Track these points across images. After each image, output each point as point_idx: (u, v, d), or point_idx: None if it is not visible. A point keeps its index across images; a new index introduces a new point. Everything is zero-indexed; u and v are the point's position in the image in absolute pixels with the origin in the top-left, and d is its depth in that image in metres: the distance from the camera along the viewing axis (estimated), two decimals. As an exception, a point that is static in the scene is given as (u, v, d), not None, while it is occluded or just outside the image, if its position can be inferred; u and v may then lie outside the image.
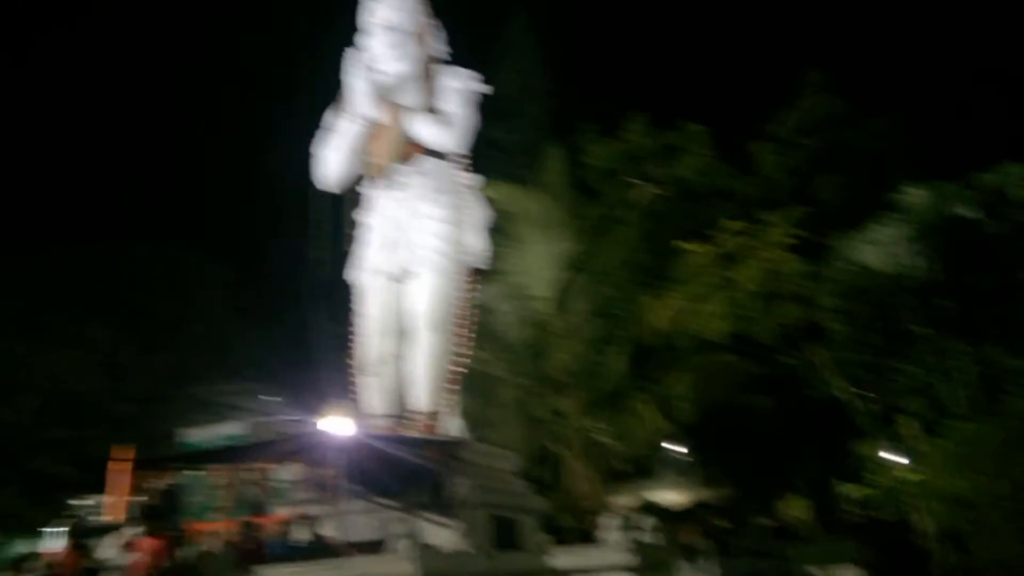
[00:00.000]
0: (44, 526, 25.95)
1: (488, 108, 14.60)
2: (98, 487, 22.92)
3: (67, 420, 27.53)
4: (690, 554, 11.58)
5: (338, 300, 16.27)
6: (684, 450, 19.13)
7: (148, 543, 11.00)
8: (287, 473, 13.03)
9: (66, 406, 27.74)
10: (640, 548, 9.90)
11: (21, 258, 28.99)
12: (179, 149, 41.11)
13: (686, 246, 18.27)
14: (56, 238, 30.92)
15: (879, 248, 18.73)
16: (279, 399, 34.49)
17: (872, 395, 19.04)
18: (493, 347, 19.53)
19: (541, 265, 19.22)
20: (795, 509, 32.28)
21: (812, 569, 11.30)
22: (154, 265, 30.84)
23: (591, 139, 25.48)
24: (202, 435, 17.59)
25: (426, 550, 8.81)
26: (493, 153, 30.77)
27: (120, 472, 12.09)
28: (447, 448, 11.85)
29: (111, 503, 12.47)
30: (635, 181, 23.69)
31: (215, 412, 30.39)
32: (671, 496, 31.04)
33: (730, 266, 17.77)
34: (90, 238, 30.75)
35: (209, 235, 37.58)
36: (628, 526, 10.31)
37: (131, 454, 12.22)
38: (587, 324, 19.04)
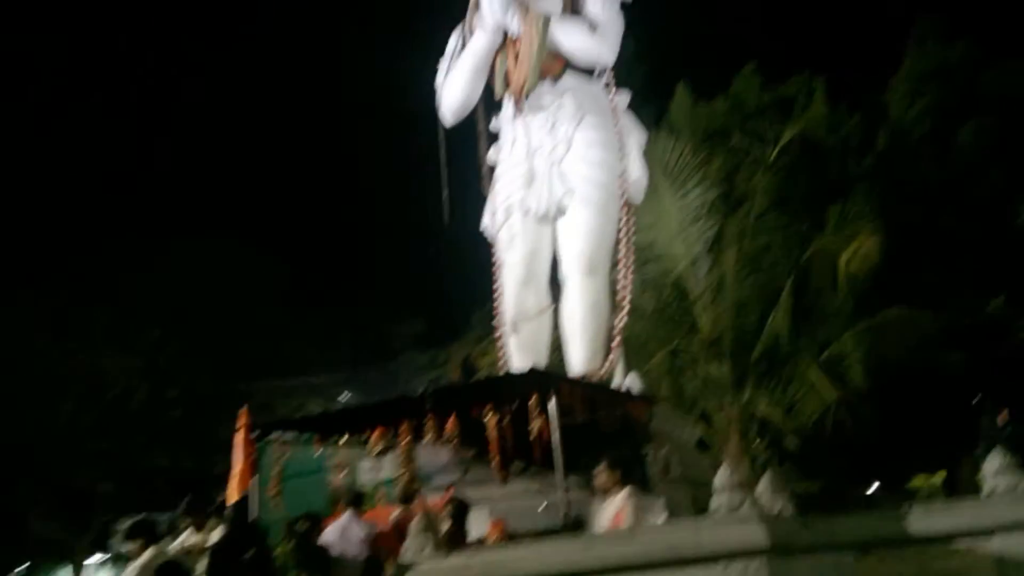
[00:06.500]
0: (83, 553, 24.25)
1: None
2: (138, 505, 21.15)
3: (106, 429, 25.65)
4: None
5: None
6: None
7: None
8: (431, 452, 11.27)
9: (105, 413, 25.91)
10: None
11: (63, 252, 27.39)
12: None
13: None
14: (101, 234, 29.20)
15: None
16: (348, 393, 32.81)
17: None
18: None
19: (675, 219, 17.41)
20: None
21: None
22: (199, 262, 29.09)
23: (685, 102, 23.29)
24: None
25: (770, 514, 6.97)
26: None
27: (244, 443, 10.42)
28: (643, 406, 10.16)
29: (238, 477, 10.89)
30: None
31: (272, 411, 28.73)
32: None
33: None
34: (138, 235, 29.05)
35: (256, 230, 35.79)
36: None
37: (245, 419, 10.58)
38: (736, 281, 17.25)
